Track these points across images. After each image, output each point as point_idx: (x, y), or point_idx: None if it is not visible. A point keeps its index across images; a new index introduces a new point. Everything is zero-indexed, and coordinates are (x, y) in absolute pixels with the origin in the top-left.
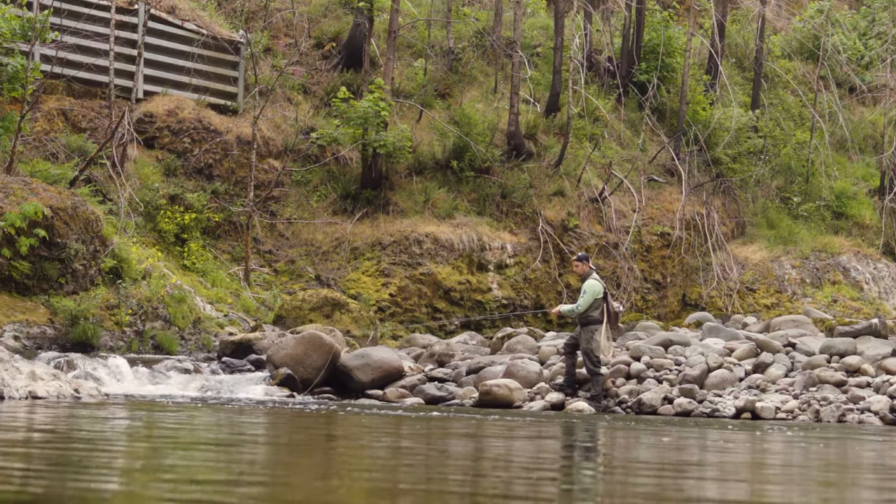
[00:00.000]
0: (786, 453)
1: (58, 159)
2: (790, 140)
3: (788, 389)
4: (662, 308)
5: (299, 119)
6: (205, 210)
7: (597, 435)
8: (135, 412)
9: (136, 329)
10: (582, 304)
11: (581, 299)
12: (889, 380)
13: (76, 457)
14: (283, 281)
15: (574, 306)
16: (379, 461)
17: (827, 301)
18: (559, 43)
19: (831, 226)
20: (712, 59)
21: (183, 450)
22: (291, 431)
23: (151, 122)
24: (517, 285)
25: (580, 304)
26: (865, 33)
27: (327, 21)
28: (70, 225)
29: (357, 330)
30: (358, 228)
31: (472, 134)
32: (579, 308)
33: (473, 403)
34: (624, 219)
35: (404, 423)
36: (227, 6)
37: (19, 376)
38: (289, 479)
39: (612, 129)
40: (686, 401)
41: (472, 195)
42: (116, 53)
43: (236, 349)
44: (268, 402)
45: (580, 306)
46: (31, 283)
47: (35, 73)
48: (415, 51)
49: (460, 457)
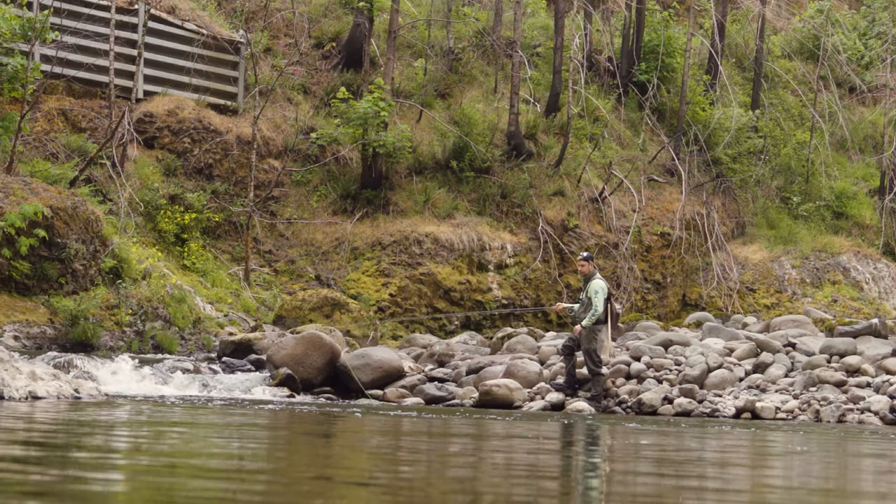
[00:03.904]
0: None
1: (58, 159)
2: (790, 140)
3: (788, 389)
4: (662, 308)
5: (299, 119)
6: (205, 210)
7: (597, 435)
8: (135, 412)
9: (136, 329)
10: (599, 307)
11: (595, 300)
12: (889, 380)
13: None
14: (283, 281)
15: (593, 312)
16: (379, 462)
17: (827, 301)
18: (559, 43)
19: (831, 226)
20: (712, 59)
21: (182, 449)
22: (291, 431)
23: (151, 122)
24: (517, 285)
25: (598, 307)
26: (865, 33)
27: (327, 21)
28: (70, 225)
29: (357, 330)
30: (358, 228)
31: (472, 134)
32: (598, 311)
33: (473, 403)
34: (624, 219)
35: (403, 422)
36: (227, 6)
37: (19, 376)
38: (287, 479)
39: (612, 129)
40: (686, 401)
41: (472, 195)
42: (116, 53)
43: (236, 349)
44: (268, 402)
45: (598, 309)
46: (31, 283)
47: (35, 73)
48: (415, 51)
49: (460, 457)
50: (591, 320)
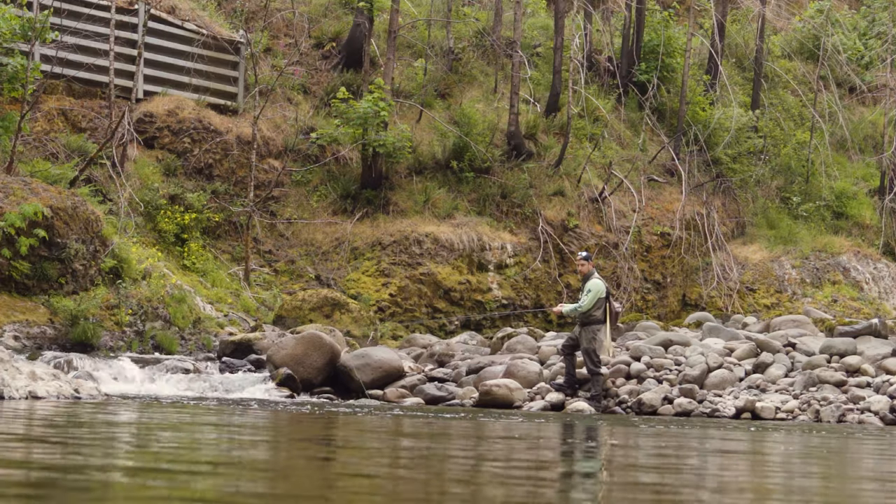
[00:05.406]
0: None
1: (58, 159)
2: (790, 140)
3: (788, 389)
4: (662, 308)
5: (299, 119)
6: (205, 210)
7: (596, 435)
8: (135, 412)
9: (136, 329)
10: (586, 304)
11: (585, 298)
12: (889, 380)
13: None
14: (283, 281)
15: (577, 305)
16: (379, 461)
17: (827, 301)
18: (559, 43)
19: (831, 226)
20: (712, 59)
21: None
22: (291, 432)
23: (151, 122)
24: (517, 285)
25: (584, 303)
26: (865, 33)
27: (327, 21)
28: (70, 225)
29: (357, 330)
30: (358, 228)
31: (472, 134)
32: (582, 307)
33: (473, 403)
34: (624, 219)
35: (403, 422)
36: (227, 6)
37: (19, 376)
38: (287, 479)
39: (612, 129)
40: (686, 401)
41: (472, 195)
42: (116, 53)
43: (236, 349)
44: (268, 402)
45: (583, 305)
46: (31, 283)
47: (35, 73)
48: (415, 51)
49: (460, 458)
50: (573, 311)
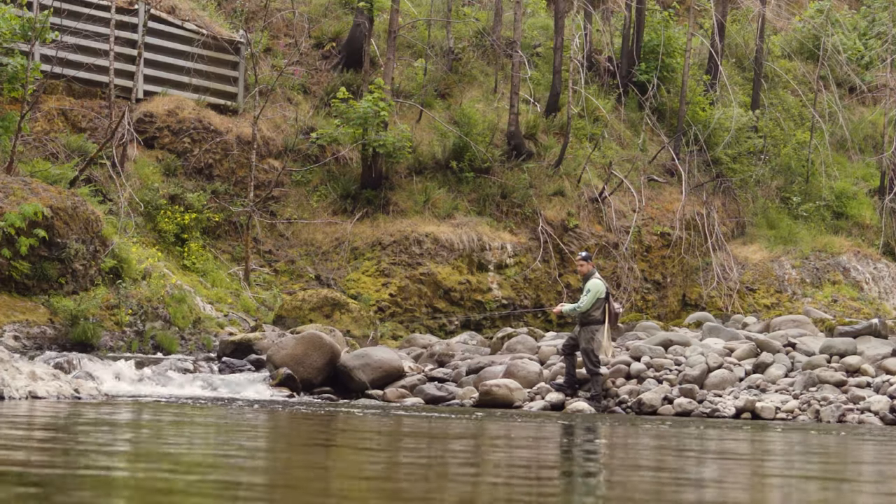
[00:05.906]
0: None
1: (58, 159)
2: (790, 140)
3: (788, 389)
4: (662, 308)
5: (299, 119)
6: (205, 210)
7: (596, 435)
8: (134, 412)
9: (136, 329)
10: (585, 303)
11: (584, 298)
12: (889, 380)
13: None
14: (283, 281)
15: (576, 305)
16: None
17: (827, 301)
18: (559, 43)
19: (831, 226)
20: (712, 59)
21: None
22: (291, 432)
23: (151, 122)
24: (517, 285)
25: (583, 303)
26: (865, 33)
27: (327, 21)
28: (70, 225)
29: (357, 330)
30: (358, 228)
31: (472, 134)
32: (581, 307)
33: (473, 403)
34: (624, 219)
35: (403, 422)
36: (227, 6)
37: (19, 376)
38: (287, 481)
39: (612, 129)
40: (686, 401)
41: (472, 195)
42: (116, 53)
43: (236, 349)
44: (267, 402)
45: (583, 305)
46: (31, 283)
47: (35, 73)
48: (415, 51)
49: (459, 457)
50: (572, 311)
